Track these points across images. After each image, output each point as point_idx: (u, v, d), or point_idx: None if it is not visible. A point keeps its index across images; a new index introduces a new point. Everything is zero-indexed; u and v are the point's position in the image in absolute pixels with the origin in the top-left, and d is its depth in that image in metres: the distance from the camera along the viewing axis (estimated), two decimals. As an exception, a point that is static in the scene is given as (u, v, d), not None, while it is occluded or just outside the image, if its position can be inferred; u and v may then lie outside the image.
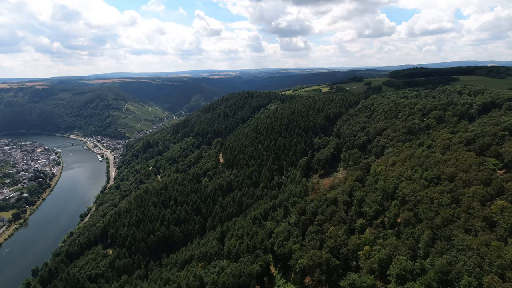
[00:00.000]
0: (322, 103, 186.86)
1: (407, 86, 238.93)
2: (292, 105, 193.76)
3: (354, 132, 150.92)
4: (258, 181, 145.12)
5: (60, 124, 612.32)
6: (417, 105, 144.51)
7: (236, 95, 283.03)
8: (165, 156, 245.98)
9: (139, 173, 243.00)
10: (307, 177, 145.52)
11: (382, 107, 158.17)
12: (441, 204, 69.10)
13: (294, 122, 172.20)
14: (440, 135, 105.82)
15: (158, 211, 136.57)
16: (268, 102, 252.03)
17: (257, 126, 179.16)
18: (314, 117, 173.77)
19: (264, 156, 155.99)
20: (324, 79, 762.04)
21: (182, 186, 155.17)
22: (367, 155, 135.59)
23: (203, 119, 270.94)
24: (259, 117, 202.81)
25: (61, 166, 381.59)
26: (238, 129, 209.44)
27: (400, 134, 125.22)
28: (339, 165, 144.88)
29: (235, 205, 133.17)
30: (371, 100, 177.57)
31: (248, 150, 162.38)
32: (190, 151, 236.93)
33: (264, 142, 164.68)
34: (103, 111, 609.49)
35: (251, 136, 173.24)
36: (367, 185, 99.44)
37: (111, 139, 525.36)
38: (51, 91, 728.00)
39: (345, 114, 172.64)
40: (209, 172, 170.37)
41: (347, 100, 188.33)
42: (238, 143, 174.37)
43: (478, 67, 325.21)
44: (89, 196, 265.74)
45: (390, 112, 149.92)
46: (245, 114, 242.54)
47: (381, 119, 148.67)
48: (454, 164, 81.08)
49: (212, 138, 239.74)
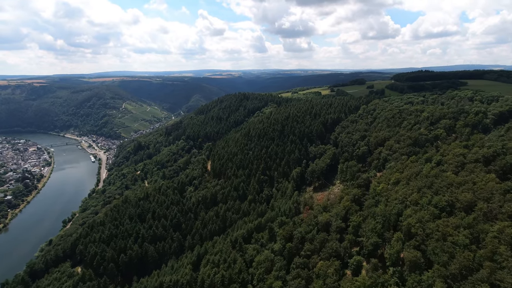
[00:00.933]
0: (319, 108, 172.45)
1: (412, 90, 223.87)
2: (288, 109, 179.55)
3: (353, 141, 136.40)
4: (246, 194, 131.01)
5: (56, 122, 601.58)
6: (423, 112, 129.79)
7: (231, 97, 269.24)
8: (154, 160, 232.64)
9: (125, 178, 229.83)
10: (300, 189, 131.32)
11: (384, 114, 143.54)
12: (457, 243, 54.67)
13: (288, 128, 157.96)
14: (452, 149, 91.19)
15: (133, 225, 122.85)
16: (264, 105, 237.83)
17: (249, 132, 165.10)
18: (311, 123, 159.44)
19: (254, 165, 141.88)
20: (327, 81, 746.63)
21: (164, 196, 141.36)
22: (367, 167, 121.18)
23: (196, 122, 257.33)
24: (253, 121, 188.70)
25: (51, 167, 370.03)
26: (230, 133, 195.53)
27: (405, 145, 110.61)
28: (335, 178, 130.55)
29: (218, 221, 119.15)
30: (373, 106, 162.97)
31: (237, 158, 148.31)
32: (180, 155, 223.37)
33: (255, 149, 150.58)
34: (100, 110, 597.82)
35: (241, 142, 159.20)
36: (365, 207, 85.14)
37: (106, 139, 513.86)
38: (49, 89, 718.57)
39: (344, 120, 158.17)
40: (195, 181, 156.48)
41: (347, 104, 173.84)
42: (227, 149, 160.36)
43: (486, 71, 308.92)
44: (76, 200, 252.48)
45: (394, 119, 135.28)
46: (239, 117, 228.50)
47: (383, 127, 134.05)
48: (471, 189, 66.57)
49: (203, 142, 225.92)
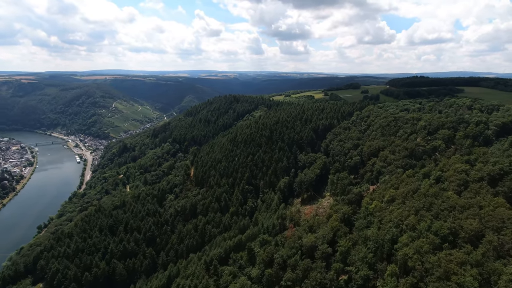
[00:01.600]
0: (311, 113, 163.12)
1: (408, 96, 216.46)
2: (278, 114, 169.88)
3: (345, 149, 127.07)
4: (228, 205, 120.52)
5: (43, 120, 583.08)
6: (420, 121, 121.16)
7: (221, 99, 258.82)
8: (138, 163, 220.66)
9: (107, 182, 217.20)
10: (287, 201, 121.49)
11: (379, 121, 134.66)
12: (463, 286, 45.16)
13: (277, 134, 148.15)
14: (452, 164, 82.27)
15: (102, 238, 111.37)
16: (254, 108, 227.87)
17: (235, 137, 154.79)
18: (301, 129, 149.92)
19: (239, 174, 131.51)
20: (322, 84, 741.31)
21: (140, 205, 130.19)
22: (359, 180, 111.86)
23: (184, 124, 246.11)
24: (241, 126, 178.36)
25: (33, 167, 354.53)
26: (217, 137, 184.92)
27: (400, 157, 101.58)
28: (325, 189, 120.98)
29: (196, 235, 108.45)
30: (367, 112, 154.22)
31: (221, 165, 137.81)
32: (165, 159, 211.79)
33: (240, 156, 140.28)
34: (89, 108, 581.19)
35: (227, 148, 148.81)
36: (355, 229, 75.54)
37: (94, 139, 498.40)
38: (37, 86, 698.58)
39: (336, 127, 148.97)
40: (176, 188, 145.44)
41: (339, 110, 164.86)
42: (212, 155, 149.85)
43: (482, 79, 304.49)
44: (56, 203, 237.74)
45: (389, 127, 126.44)
46: (228, 120, 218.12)
47: (377, 135, 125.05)
48: (477, 214, 57.36)
49: (190, 146, 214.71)
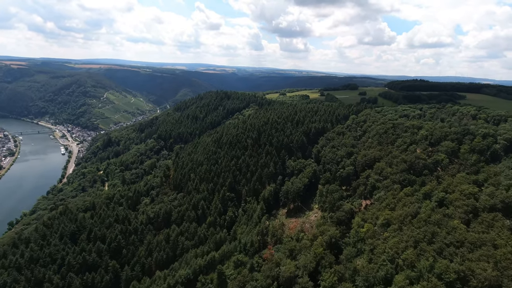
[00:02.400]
0: (303, 114, 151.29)
1: (407, 100, 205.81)
2: (268, 114, 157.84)
3: (338, 157, 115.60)
4: (206, 214, 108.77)
5: (31, 108, 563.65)
6: (421, 129, 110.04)
7: (212, 94, 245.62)
8: (119, 160, 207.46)
9: (85, 178, 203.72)
10: (271, 212, 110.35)
11: (376, 128, 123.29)
12: None
13: (265, 136, 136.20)
14: (457, 184, 71.35)
15: (61, 247, 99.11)
16: (245, 106, 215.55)
17: (220, 137, 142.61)
18: (292, 131, 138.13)
19: (220, 179, 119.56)
20: (320, 84, 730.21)
21: (110, 210, 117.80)
22: (351, 192, 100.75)
23: (171, 119, 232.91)
24: (228, 125, 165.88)
25: (15, 157, 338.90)
26: (203, 136, 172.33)
27: (398, 170, 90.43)
28: (314, 200, 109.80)
29: (167, 247, 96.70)
30: (364, 116, 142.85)
31: (202, 169, 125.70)
32: (148, 156, 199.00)
33: (224, 159, 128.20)
34: (79, 98, 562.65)
35: (210, 149, 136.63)
36: (343, 257, 64.33)
37: (82, 130, 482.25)
38: (26, 72, 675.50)
39: (329, 131, 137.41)
40: (153, 191, 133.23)
41: (334, 112, 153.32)
42: (193, 156, 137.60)
43: (484, 85, 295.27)
44: (33, 197, 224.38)
45: (387, 135, 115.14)
46: (217, 118, 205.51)
47: (374, 143, 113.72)
48: (491, 256, 46.34)
49: (175, 143, 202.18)
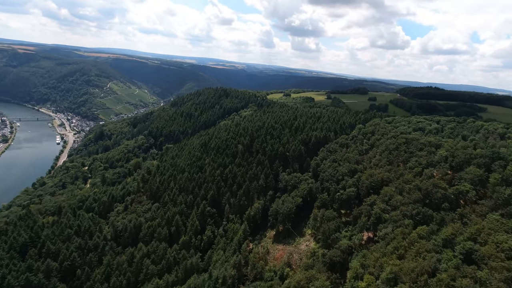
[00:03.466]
0: (304, 120, 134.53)
1: (422, 110, 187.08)
2: (264, 117, 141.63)
3: (339, 174, 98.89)
4: (180, 232, 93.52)
5: (33, 94, 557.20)
6: (440, 148, 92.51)
7: (210, 91, 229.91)
8: (105, 156, 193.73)
9: (68, 173, 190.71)
10: (255, 235, 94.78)
11: (386, 142, 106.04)
12: None
13: (258, 143, 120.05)
14: (491, 232, 54.34)
15: (6, 262, 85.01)
16: (243, 106, 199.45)
17: (208, 141, 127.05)
18: (289, 139, 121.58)
19: (202, 190, 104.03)
20: (329, 85, 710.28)
21: (74, 218, 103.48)
22: (351, 220, 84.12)
23: (164, 115, 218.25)
24: (219, 127, 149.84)
25: (8, 144, 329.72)
26: (192, 138, 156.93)
27: (411, 200, 73.48)
28: (307, 224, 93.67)
29: (129, 271, 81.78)
30: (372, 127, 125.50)
31: (183, 176, 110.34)
32: (135, 154, 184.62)
33: (208, 167, 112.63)
34: (82, 86, 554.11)
35: (195, 155, 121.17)
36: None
37: (82, 119, 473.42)
38: (32, 57, 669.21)
39: (332, 142, 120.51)
40: (129, 197, 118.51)
41: (339, 120, 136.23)
42: (175, 161, 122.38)
43: (505, 97, 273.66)
44: (17, 188, 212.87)
45: (398, 153, 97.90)
46: (212, 117, 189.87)
47: (382, 161, 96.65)
48: None
49: (166, 142, 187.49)
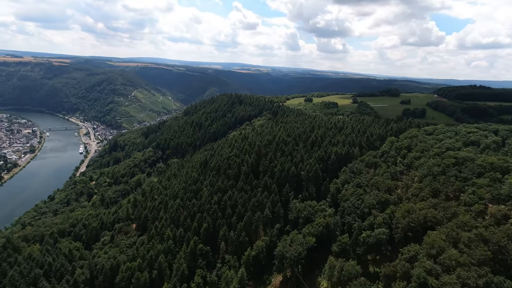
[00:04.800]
0: (323, 132, 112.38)
1: (469, 115, 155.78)
2: (276, 129, 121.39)
3: (364, 206, 76.15)
4: (163, 277, 76.09)
5: (65, 104, 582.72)
6: (509, 175, 66.83)
7: (223, 98, 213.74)
8: (111, 170, 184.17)
9: (75, 188, 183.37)
10: (259, 276, 75.33)
11: (428, 163, 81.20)
12: None
13: (266, 162, 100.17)
14: None
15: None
16: (257, 114, 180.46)
17: (208, 160, 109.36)
18: (303, 156, 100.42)
19: (195, 222, 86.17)
20: (356, 87, 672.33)
21: (52, 250, 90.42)
22: (383, 279, 61.09)
23: (174, 126, 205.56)
24: (230, 139, 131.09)
25: (34, 154, 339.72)
26: (197, 152, 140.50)
27: (474, 261, 49.67)
28: (322, 271, 72.15)
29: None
30: (408, 140, 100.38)
31: (174, 204, 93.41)
32: (141, 169, 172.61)
33: (205, 192, 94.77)
34: (108, 95, 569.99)
35: (192, 176, 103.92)
36: None
37: (107, 128, 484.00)
38: (65, 69, 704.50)
39: (356, 160, 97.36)
40: (118, 224, 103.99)
41: (366, 131, 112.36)
42: (172, 183, 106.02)
43: None
44: (34, 202, 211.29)
45: (446, 178, 72.88)
46: (222, 127, 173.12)
47: (424, 191, 72.27)
48: None
49: (173, 155, 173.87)
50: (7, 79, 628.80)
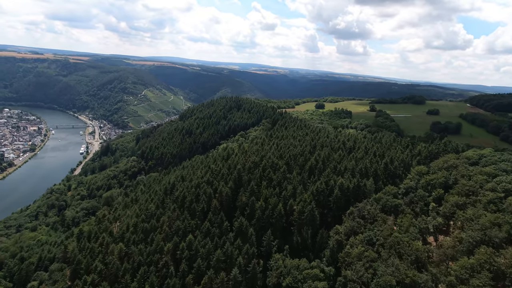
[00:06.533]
0: (326, 154, 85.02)
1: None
2: (267, 146, 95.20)
3: (382, 283, 49.08)
4: None
5: (76, 102, 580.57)
6: None
7: (221, 102, 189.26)
8: (88, 180, 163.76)
9: (50, 198, 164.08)
10: None
11: (481, 219, 52.80)
12: None
13: (246, 195, 74.37)
14: None
15: None
16: (255, 122, 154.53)
17: (173, 187, 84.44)
18: (296, 189, 73.84)
19: (135, 282, 61.54)
20: (375, 91, 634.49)
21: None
22: None
23: (165, 132, 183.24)
24: (194, 163, 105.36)
25: (34, 153, 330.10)
26: (175, 170, 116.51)
27: None
28: None
29: None
30: (444, 172, 71.45)
31: (115, 250, 69.25)
32: (119, 182, 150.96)
33: (158, 235, 70.05)
34: (118, 94, 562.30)
35: (149, 209, 79.37)
36: None
37: (113, 127, 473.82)
38: (79, 66, 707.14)
39: (368, 200, 69.53)
40: (52, 266, 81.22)
41: (384, 155, 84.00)
42: (126, 212, 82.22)
43: None
44: (16, 207, 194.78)
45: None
46: (213, 137, 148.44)
47: (476, 268, 44.56)
48: None
49: (157, 166, 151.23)
50: (24, 75, 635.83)
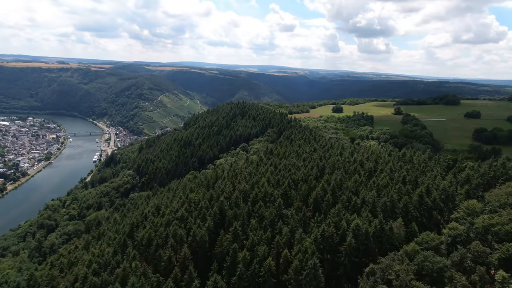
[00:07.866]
0: (338, 180, 64.26)
1: None
2: (263, 168, 75.38)
3: None
4: None
5: (95, 109, 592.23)
6: None
7: (225, 108, 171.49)
8: (82, 197, 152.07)
9: (44, 215, 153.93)
10: None
11: None
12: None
13: (226, 242, 55.65)
14: None
15: None
16: (260, 132, 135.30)
17: (138, 225, 66.77)
18: (294, 232, 54.04)
19: None
20: (399, 90, 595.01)
21: None
22: None
23: (165, 142, 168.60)
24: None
25: (48, 162, 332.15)
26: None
27: None
28: None
29: None
30: (510, 212, 49.03)
31: None
32: (110, 200, 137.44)
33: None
34: (134, 100, 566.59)
35: (105, 252, 62.47)
36: None
37: (128, 134, 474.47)
38: (100, 74, 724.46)
39: (396, 254, 48.48)
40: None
41: (416, 182, 61.80)
42: (87, 252, 66.03)
43: None
44: (26, 218, 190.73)
45: None
46: (212, 150, 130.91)
47: None
48: None
49: (150, 182, 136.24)
50: (48, 85, 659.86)
